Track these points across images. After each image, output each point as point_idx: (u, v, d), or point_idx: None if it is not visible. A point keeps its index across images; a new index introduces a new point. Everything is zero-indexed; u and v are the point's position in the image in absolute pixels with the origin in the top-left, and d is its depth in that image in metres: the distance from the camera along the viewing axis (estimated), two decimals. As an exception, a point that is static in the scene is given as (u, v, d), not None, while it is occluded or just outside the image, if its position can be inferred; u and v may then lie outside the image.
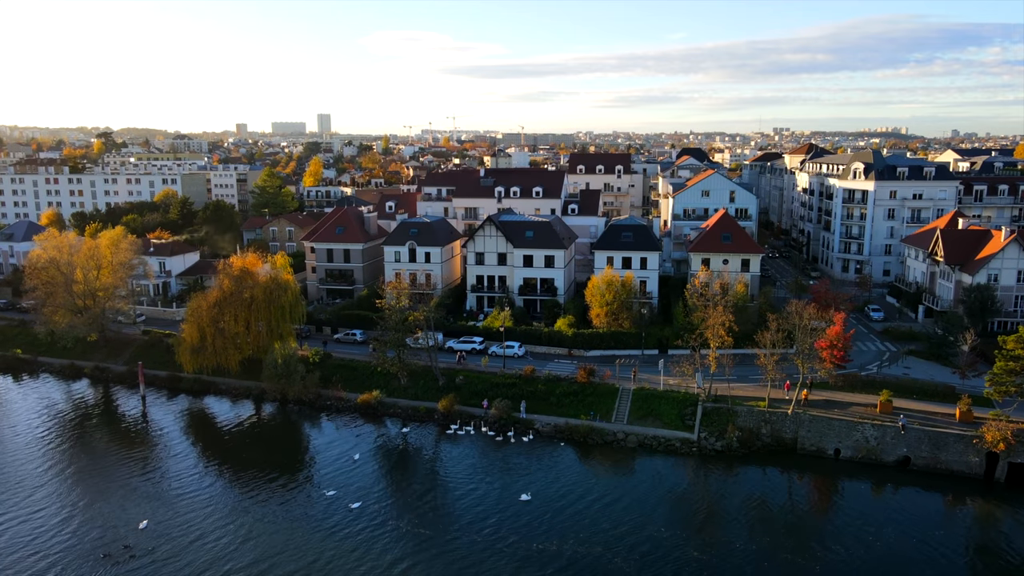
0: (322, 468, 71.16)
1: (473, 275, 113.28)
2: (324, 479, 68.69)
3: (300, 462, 72.87)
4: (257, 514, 62.33)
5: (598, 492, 65.59)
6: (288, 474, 69.70)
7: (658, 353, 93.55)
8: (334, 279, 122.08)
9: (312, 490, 66.62)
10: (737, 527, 60.07)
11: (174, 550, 57.00)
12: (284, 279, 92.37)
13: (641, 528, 59.50)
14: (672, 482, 68.87)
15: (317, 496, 65.26)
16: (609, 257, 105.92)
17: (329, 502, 64.08)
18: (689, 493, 67.38)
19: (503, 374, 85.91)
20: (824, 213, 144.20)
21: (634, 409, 78.92)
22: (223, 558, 56.03)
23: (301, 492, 66.22)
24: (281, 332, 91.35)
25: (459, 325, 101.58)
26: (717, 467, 71.02)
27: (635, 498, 64.78)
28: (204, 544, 57.84)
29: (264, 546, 57.51)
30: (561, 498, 64.37)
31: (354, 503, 63.49)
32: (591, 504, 63.43)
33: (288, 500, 64.69)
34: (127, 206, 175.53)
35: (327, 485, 67.31)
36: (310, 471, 70.69)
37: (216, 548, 57.24)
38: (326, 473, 70.04)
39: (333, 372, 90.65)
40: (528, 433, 77.61)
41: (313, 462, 72.80)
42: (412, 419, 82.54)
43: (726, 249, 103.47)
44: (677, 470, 71.03)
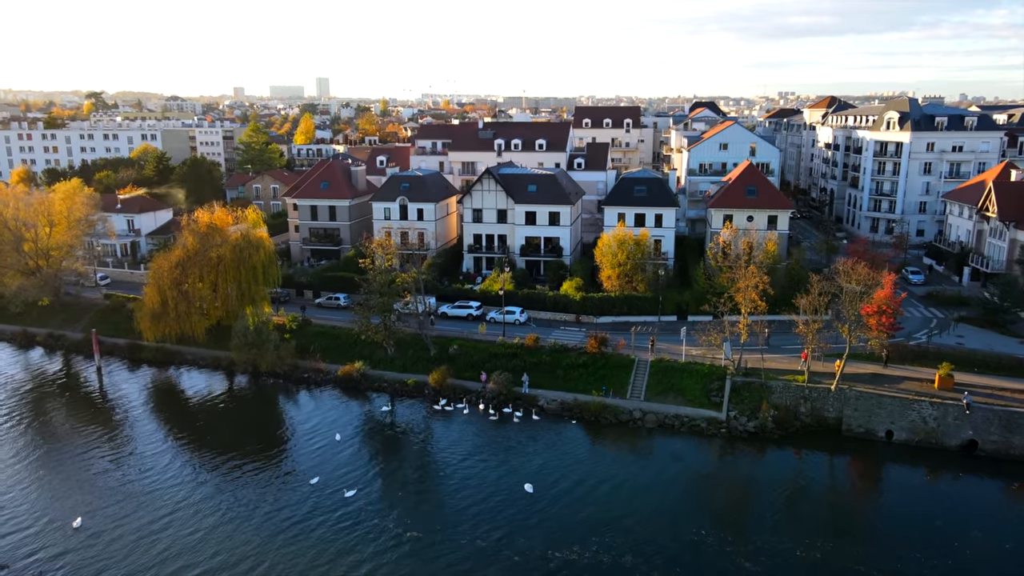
0: (297, 450, 61.62)
1: (470, 234, 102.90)
2: (299, 463, 59.13)
3: (272, 443, 63.19)
4: (218, 506, 52.83)
5: (613, 481, 56.02)
6: (257, 457, 60.10)
7: (676, 320, 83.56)
8: (318, 239, 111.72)
9: (284, 477, 57.06)
10: (773, 523, 50.53)
11: (108, 552, 47.57)
12: (257, 236, 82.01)
13: (664, 523, 50.00)
14: (698, 469, 59.33)
15: (289, 484, 55.72)
16: (620, 214, 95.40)
17: (303, 492, 54.53)
18: (718, 482, 57.85)
19: (503, 343, 76.03)
20: (851, 169, 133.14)
21: (652, 384, 69.12)
22: (170, 559, 46.62)
23: (271, 479, 56.66)
24: (253, 296, 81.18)
25: (454, 288, 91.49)
26: (749, 451, 61.41)
27: (656, 488, 55.25)
28: (153, 543, 48.38)
29: (224, 546, 48.06)
30: (570, 488, 54.78)
31: (326, 488, 54.03)
32: (606, 496, 53.87)
33: (255, 488, 55.15)
34: (102, 162, 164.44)
35: (303, 471, 57.77)
36: (282, 454, 61.10)
37: (165, 548, 47.81)
38: (301, 456, 60.50)
39: (312, 341, 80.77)
40: (532, 411, 67.94)
41: (286, 443, 63.20)
42: (400, 394, 72.87)
43: (751, 204, 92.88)
44: (703, 454, 61.43)
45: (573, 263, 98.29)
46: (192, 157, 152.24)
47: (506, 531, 49.62)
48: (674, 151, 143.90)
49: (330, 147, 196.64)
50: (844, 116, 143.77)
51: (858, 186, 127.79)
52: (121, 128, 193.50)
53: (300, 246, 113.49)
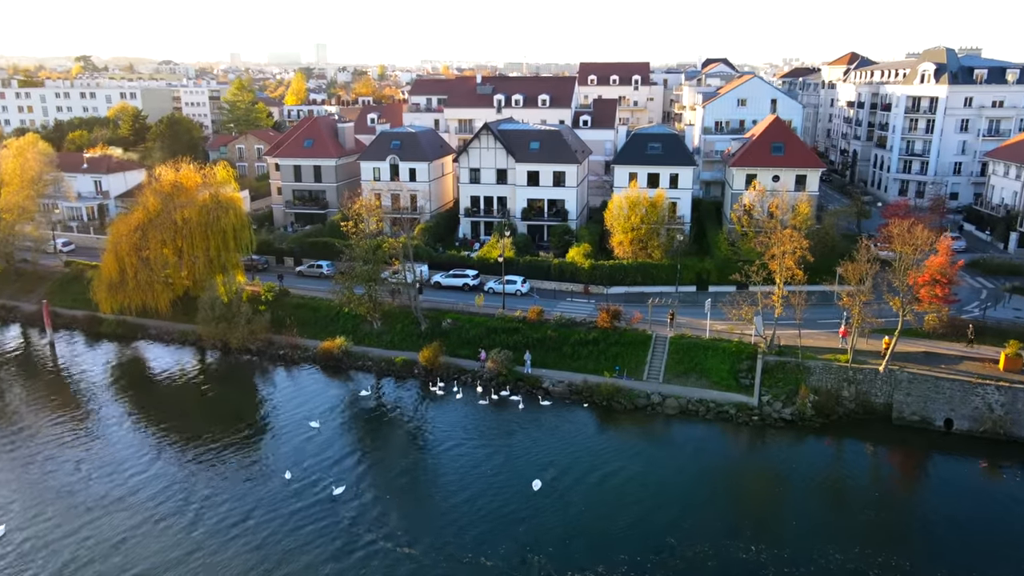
0: (268, 440, 53.53)
1: (467, 196, 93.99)
2: (270, 455, 51.08)
3: (239, 430, 54.87)
4: (166, 503, 44.85)
5: (629, 477, 47.92)
6: (221, 447, 51.99)
7: (696, 290, 75.10)
8: (302, 202, 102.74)
9: (251, 469, 49.02)
10: (813, 526, 42.52)
11: (25, 560, 39.65)
12: (227, 197, 73.11)
13: (688, 525, 42.06)
14: (726, 462, 51.25)
15: (257, 479, 47.69)
16: (632, 173, 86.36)
17: (272, 488, 46.53)
18: (749, 478, 49.71)
19: (502, 317, 67.60)
20: (878, 128, 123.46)
21: (672, 363, 60.84)
22: (81, 569, 38.75)
23: (235, 472, 48.60)
24: (224, 264, 72.65)
25: (448, 255, 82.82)
26: (785, 442, 53.30)
27: (678, 485, 47.17)
28: (81, 545, 40.43)
29: (165, 554, 40.14)
30: (580, 486, 46.71)
31: (299, 483, 46.01)
32: (621, 495, 45.81)
33: (216, 482, 47.12)
34: (77, 122, 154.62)
35: (274, 463, 49.74)
36: (251, 443, 52.91)
37: (80, 554, 39.87)
38: (272, 447, 52.46)
39: (290, 313, 72.40)
40: (537, 394, 59.76)
41: (256, 431, 55.01)
42: (387, 373, 64.64)
43: (777, 163, 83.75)
44: (732, 445, 53.34)
45: (580, 228, 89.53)
46: (170, 115, 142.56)
47: (513, 544, 41.62)
48: (687, 109, 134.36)
49: (322, 108, 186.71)
50: (869, 71, 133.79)
51: (886, 146, 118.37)
52: (99, 87, 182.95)
53: (283, 210, 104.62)
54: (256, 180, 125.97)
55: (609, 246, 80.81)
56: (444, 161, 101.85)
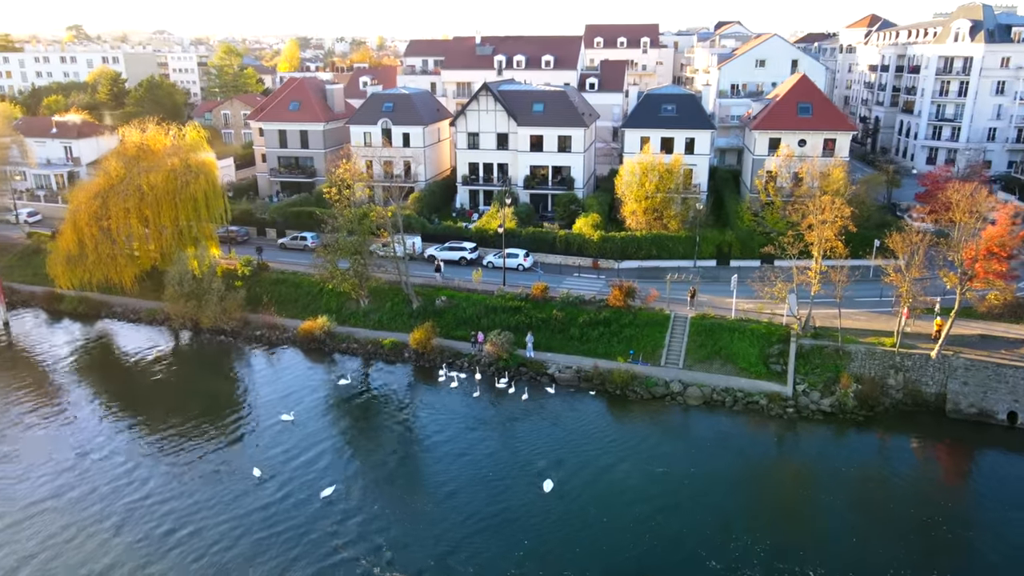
0: (237, 432, 46.97)
1: (464, 163, 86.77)
2: (237, 450, 44.61)
3: (204, 420, 48.22)
4: (103, 513, 38.43)
5: (648, 477, 41.45)
6: (182, 439, 45.50)
7: (716, 265, 68.27)
8: (288, 169, 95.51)
9: (218, 467, 42.56)
10: (855, 534, 36.08)
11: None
12: (198, 162, 65.96)
13: (715, 534, 35.65)
14: (757, 461, 44.69)
15: (222, 477, 41.23)
16: (644, 137, 78.99)
17: (239, 490, 40.09)
18: (783, 478, 43.19)
19: (503, 294, 60.83)
20: (904, 92, 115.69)
21: (694, 347, 54.15)
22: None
23: (195, 467, 42.15)
24: (195, 235, 65.88)
25: (444, 227, 75.79)
26: (824, 437, 46.81)
27: (703, 486, 40.67)
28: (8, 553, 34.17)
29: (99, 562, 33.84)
30: (594, 487, 40.26)
31: (270, 484, 39.57)
32: (640, 497, 39.39)
33: (172, 480, 40.69)
34: (55, 87, 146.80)
35: (241, 460, 43.27)
36: (217, 435, 46.36)
37: None
38: (242, 440, 45.96)
39: (268, 290, 65.70)
40: (543, 382, 53.19)
41: (224, 422, 48.38)
42: (374, 357, 58.05)
43: (804, 125, 76.38)
44: (763, 441, 46.76)
45: (587, 197, 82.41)
46: (149, 78, 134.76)
47: (525, 548, 35.21)
48: (700, 71, 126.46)
49: (315, 75, 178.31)
50: (894, 32, 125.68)
51: (913, 111, 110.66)
52: (79, 51, 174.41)
53: (268, 178, 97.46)
54: (242, 148, 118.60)
55: (620, 217, 73.83)
56: (440, 126, 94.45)
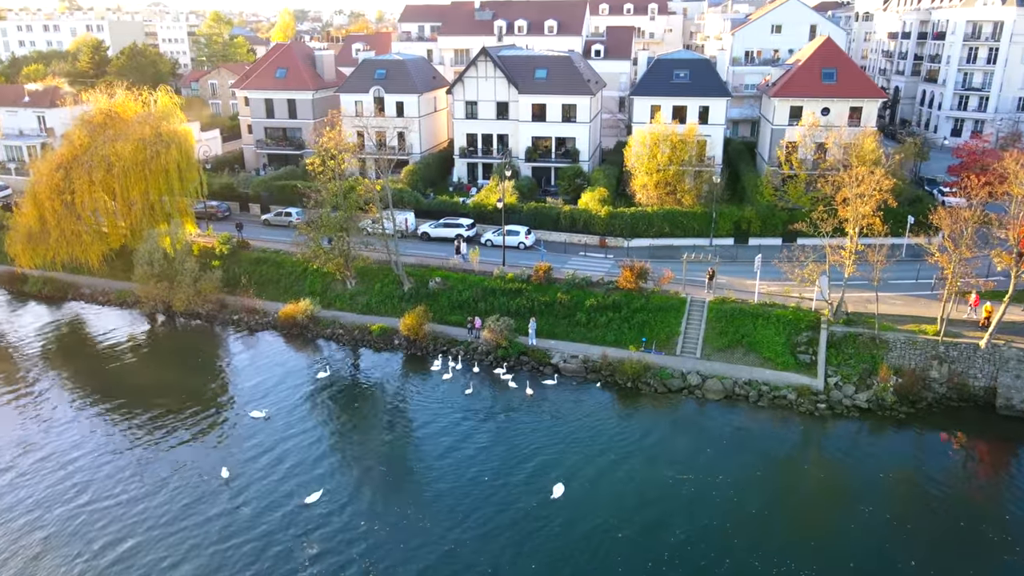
0: (207, 427, 42.09)
1: (462, 134, 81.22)
2: (206, 447, 39.75)
3: (170, 413, 43.32)
4: (30, 523, 33.67)
5: (665, 484, 36.61)
6: (143, 434, 40.70)
7: (734, 243, 63.04)
8: (275, 141, 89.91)
9: (177, 464, 37.74)
10: (903, 551, 31.28)
11: None
12: (170, 131, 60.49)
13: (744, 553, 30.94)
14: (788, 466, 39.81)
15: (187, 479, 36.42)
16: (654, 106, 73.26)
17: (204, 492, 35.28)
18: (816, 484, 38.17)
19: (502, 276, 55.67)
20: (927, 60, 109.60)
21: (713, 334, 49.07)
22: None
23: (153, 466, 37.33)
24: (169, 211, 60.69)
25: (438, 201, 70.42)
26: (860, 437, 41.89)
27: (728, 495, 35.81)
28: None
29: None
30: (606, 494, 35.42)
31: (240, 486, 34.77)
32: (657, 506, 34.57)
33: (122, 483, 35.92)
34: (35, 55, 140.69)
35: (209, 458, 38.41)
36: (184, 431, 41.47)
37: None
38: (211, 437, 41.13)
39: (248, 270, 60.63)
40: (544, 372, 48.24)
41: (193, 415, 43.45)
42: (361, 344, 53.06)
43: (828, 92, 70.61)
44: (792, 442, 41.85)
45: (594, 170, 76.94)
46: (132, 45, 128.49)
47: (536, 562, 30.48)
48: (711, 38, 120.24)
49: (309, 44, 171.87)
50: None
51: (937, 80, 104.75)
52: (63, 19, 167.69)
53: (254, 150, 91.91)
54: (230, 119, 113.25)
55: (629, 191, 68.52)
56: (437, 95, 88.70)
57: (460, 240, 61.38)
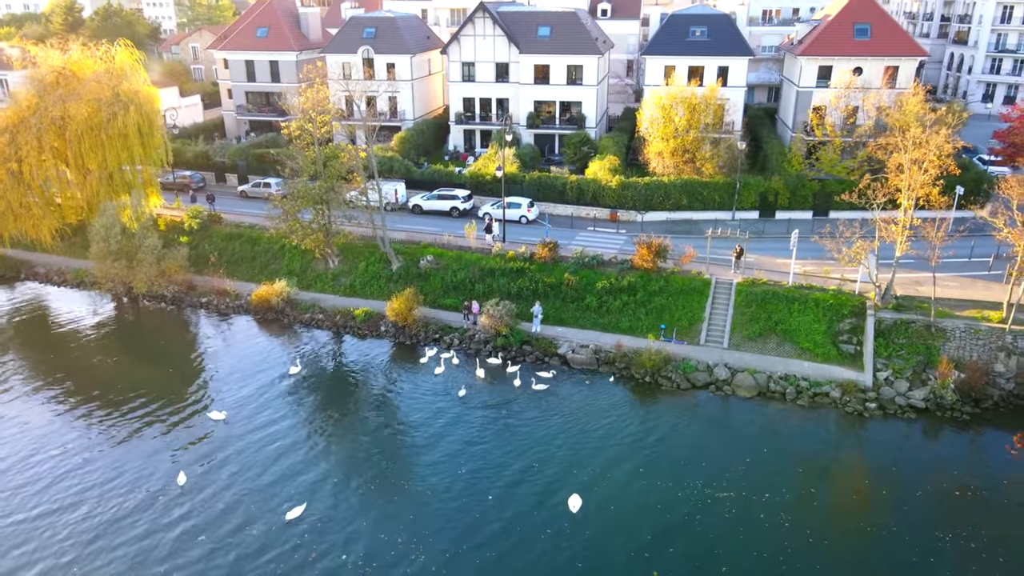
0: (163, 428, 36.31)
1: (458, 98, 74.63)
2: (162, 450, 33.98)
3: (125, 412, 37.61)
4: None
5: (692, 501, 30.92)
6: (93, 432, 34.96)
7: (759, 217, 56.91)
8: (257, 107, 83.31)
9: (130, 468, 32.05)
10: None
11: None
12: (130, 91, 53.92)
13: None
14: (835, 479, 34.06)
15: (136, 483, 30.74)
16: (669, 66, 66.74)
17: (152, 502, 29.60)
18: (873, 507, 32.45)
19: (502, 254, 49.60)
20: (957, 20, 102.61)
21: (742, 321, 43.16)
22: None
23: (104, 469, 31.65)
24: (130, 181, 54.43)
25: (431, 171, 64.07)
26: (918, 443, 36.18)
27: (764, 515, 30.16)
28: None
29: None
30: (624, 510, 29.75)
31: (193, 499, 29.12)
32: (678, 528, 28.94)
33: (69, 497, 30.24)
34: (8, 18, 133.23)
35: (164, 463, 32.66)
36: (138, 430, 35.74)
37: None
38: (169, 439, 35.34)
39: (219, 247, 54.59)
40: (550, 364, 42.37)
41: (148, 414, 37.67)
42: (344, 330, 47.13)
43: (861, 50, 64.04)
44: (839, 449, 36.11)
45: (601, 138, 70.55)
46: (106, 5, 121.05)
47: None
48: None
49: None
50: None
51: (968, 42, 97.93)
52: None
53: (235, 117, 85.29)
54: (212, 84, 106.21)
55: (641, 160, 62.31)
56: (431, 56, 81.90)
57: (491, 219, 53.99)
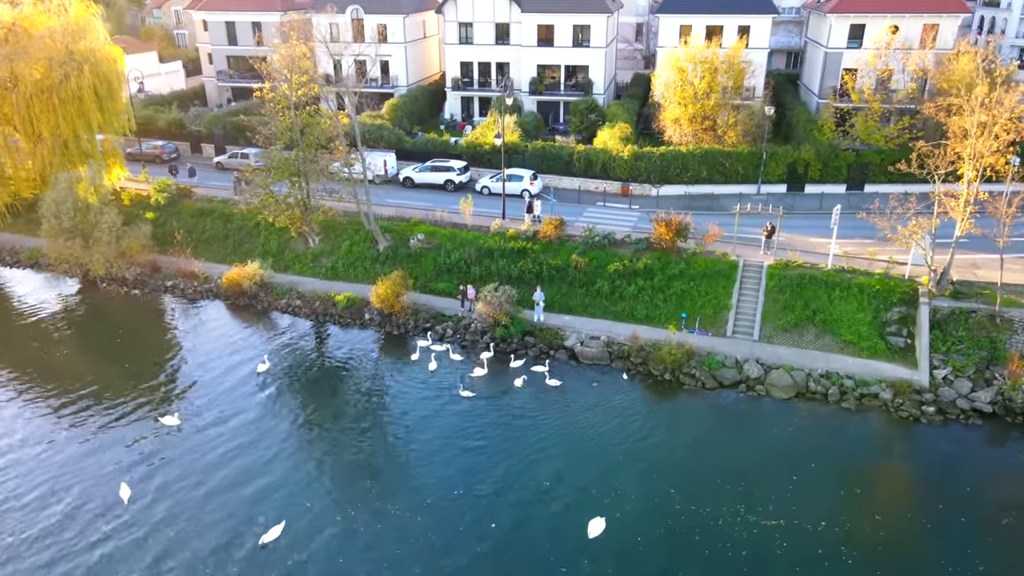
0: (109, 433, 31.23)
1: (455, 62, 68.80)
2: (107, 458, 28.97)
3: (69, 414, 32.57)
4: None
5: (750, 534, 25.92)
6: (31, 443, 29.94)
7: (786, 191, 51.39)
8: (240, 72, 77.44)
9: (66, 479, 27.09)
10: None
11: None
12: (86, 50, 48.20)
13: None
14: (891, 502, 29.00)
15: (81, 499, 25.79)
16: (684, 25, 60.85)
17: (86, 521, 24.67)
18: (939, 539, 27.47)
19: (502, 233, 44.20)
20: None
21: (775, 310, 37.88)
22: None
23: (36, 486, 26.70)
24: (88, 150, 48.98)
25: (424, 140, 58.48)
26: (987, 455, 31.04)
27: (843, 558, 25.17)
28: None
29: None
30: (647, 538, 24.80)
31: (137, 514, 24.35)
32: (728, 568, 24.08)
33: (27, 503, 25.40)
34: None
35: (108, 474, 27.67)
36: (77, 438, 30.73)
37: None
38: (114, 445, 30.30)
39: (188, 224, 49.25)
40: (556, 358, 37.17)
41: (96, 416, 32.61)
42: (324, 318, 41.92)
43: (899, 6, 58.08)
44: (906, 465, 31.04)
45: (610, 105, 64.81)
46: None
47: None
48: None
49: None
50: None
51: (999, 3, 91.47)
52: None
53: (216, 83, 79.55)
54: (196, 50, 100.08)
55: (655, 127, 56.73)
56: (426, 17, 75.86)
57: (531, 196, 47.58)
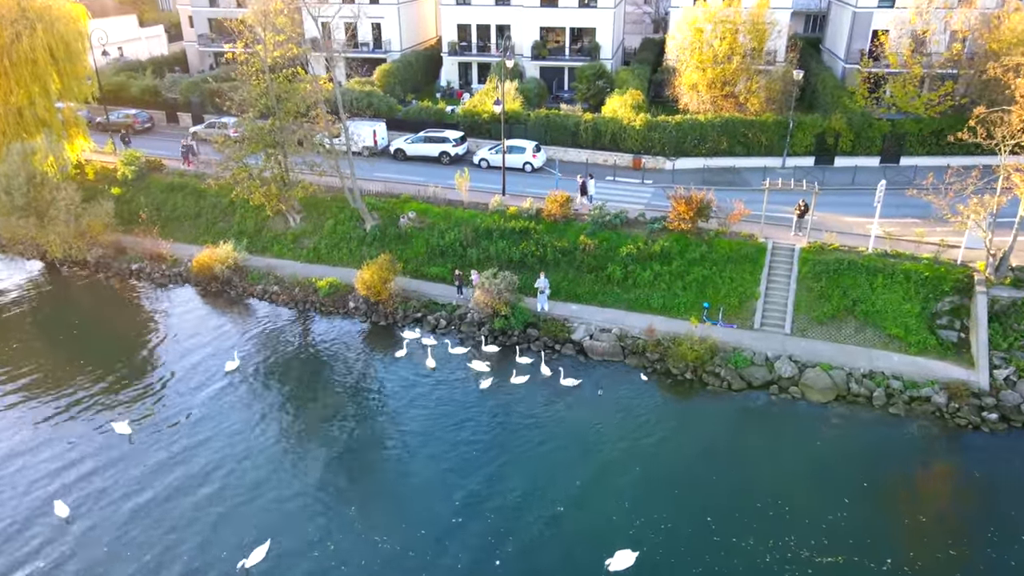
0: (51, 442, 27.27)
1: (452, 25, 63.89)
2: (44, 471, 25.05)
3: (12, 419, 28.72)
4: None
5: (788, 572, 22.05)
6: None
7: (814, 164, 46.84)
8: (223, 36, 72.40)
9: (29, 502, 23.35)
10: None
11: None
12: (40, 7, 43.45)
13: None
14: (976, 533, 25.01)
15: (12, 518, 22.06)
16: (700, -15, 55.91)
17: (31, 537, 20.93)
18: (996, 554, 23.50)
19: (501, 211, 39.81)
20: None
21: (808, 299, 33.60)
22: None
23: None
24: (45, 118, 44.47)
25: (418, 109, 53.80)
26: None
27: None
28: None
29: None
30: None
31: (79, 534, 20.48)
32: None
33: None
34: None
35: (43, 488, 23.75)
36: (15, 446, 26.82)
37: None
38: (55, 457, 26.38)
39: (157, 201, 44.91)
40: (562, 353, 33.04)
41: (39, 421, 28.67)
42: (304, 305, 37.73)
43: (935, -38, 53.05)
44: (971, 481, 26.98)
45: (618, 71, 60.02)
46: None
47: None
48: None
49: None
50: None
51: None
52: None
53: (197, 48, 74.70)
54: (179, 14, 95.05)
55: (669, 95, 52.06)
56: (420, -23, 70.85)
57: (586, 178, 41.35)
